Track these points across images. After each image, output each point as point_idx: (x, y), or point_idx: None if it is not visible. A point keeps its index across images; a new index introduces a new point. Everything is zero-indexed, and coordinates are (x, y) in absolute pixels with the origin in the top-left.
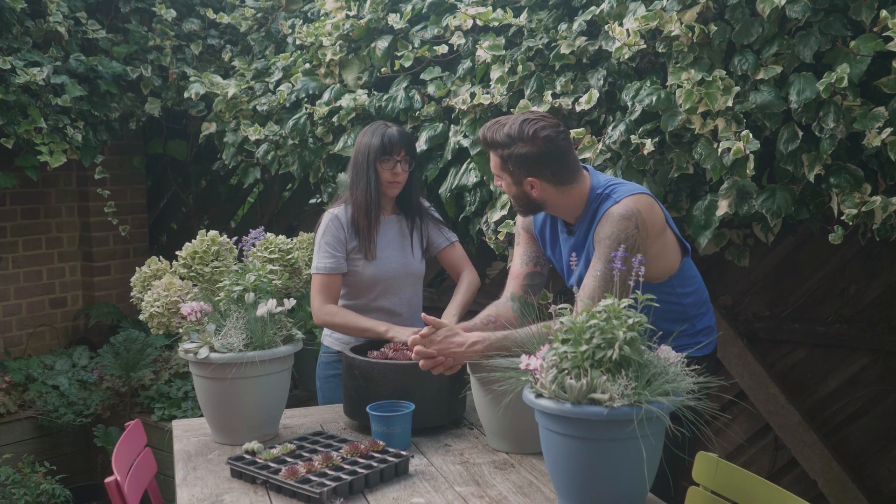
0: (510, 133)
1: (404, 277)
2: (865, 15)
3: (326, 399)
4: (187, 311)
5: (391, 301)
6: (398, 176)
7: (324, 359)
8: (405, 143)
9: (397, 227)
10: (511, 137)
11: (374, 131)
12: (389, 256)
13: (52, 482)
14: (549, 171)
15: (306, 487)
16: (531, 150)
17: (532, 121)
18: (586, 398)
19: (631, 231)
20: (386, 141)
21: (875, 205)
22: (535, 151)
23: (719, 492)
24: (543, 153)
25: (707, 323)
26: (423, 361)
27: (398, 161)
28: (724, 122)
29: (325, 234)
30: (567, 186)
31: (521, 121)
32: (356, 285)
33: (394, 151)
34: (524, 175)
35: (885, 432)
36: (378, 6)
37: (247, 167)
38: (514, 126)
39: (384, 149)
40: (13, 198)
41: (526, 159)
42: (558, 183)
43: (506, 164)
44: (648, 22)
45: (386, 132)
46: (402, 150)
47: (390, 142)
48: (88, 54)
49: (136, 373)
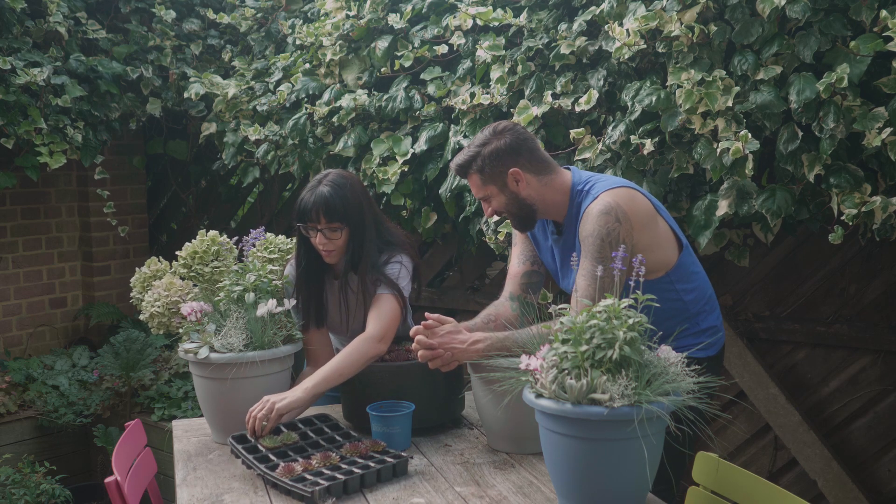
0: (474, 143)
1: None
2: (865, 15)
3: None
4: (187, 311)
5: None
6: (325, 245)
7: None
8: (325, 208)
9: (350, 289)
10: (477, 146)
11: (307, 187)
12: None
13: (52, 482)
14: (524, 159)
15: (299, 486)
16: (499, 143)
17: (489, 126)
18: (586, 398)
19: (612, 225)
20: (302, 207)
21: (875, 205)
22: (504, 143)
23: (719, 492)
24: (511, 143)
25: (712, 322)
26: (423, 352)
27: (319, 230)
28: (724, 122)
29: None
30: (547, 177)
31: (481, 132)
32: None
33: (311, 219)
34: (504, 170)
35: (885, 432)
36: (378, 6)
37: (247, 167)
38: (476, 139)
39: (300, 215)
40: (13, 198)
41: (499, 152)
42: (538, 172)
43: (483, 173)
44: (648, 22)
45: (305, 195)
46: (322, 217)
47: (304, 208)
48: (88, 54)
49: (136, 373)
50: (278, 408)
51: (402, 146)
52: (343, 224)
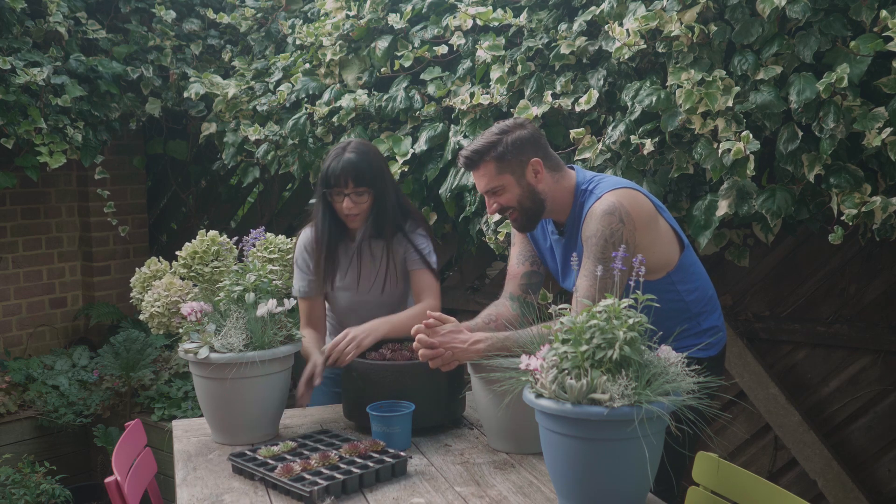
0: (494, 131)
1: (376, 308)
2: (865, 15)
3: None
4: (187, 311)
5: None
6: (350, 209)
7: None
8: (354, 173)
9: (369, 254)
10: (497, 134)
11: (332, 153)
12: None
13: (52, 482)
14: (543, 151)
15: (298, 486)
16: (522, 132)
17: (503, 121)
18: (586, 398)
19: (616, 226)
20: (329, 173)
21: (875, 205)
22: (527, 133)
23: (719, 492)
24: (534, 134)
25: (713, 322)
26: (423, 351)
27: (346, 195)
28: (724, 122)
29: (297, 258)
30: (559, 174)
31: (497, 123)
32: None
33: (339, 184)
34: (526, 160)
35: (885, 432)
36: (378, 6)
37: (247, 167)
38: (491, 129)
39: (327, 181)
40: (13, 198)
41: (522, 140)
42: (553, 168)
43: (503, 161)
44: (648, 22)
45: (331, 163)
46: (350, 182)
47: (333, 174)
48: (88, 54)
49: (136, 373)
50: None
51: (402, 146)
52: (369, 188)
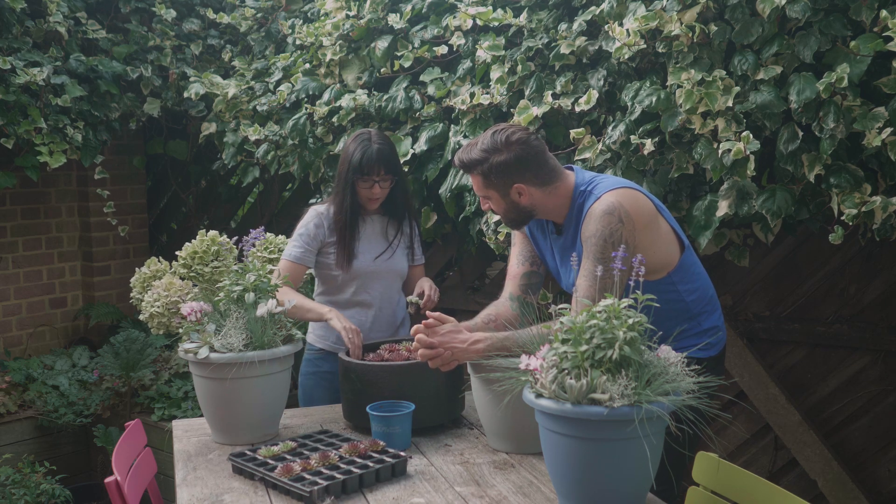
0: (484, 147)
1: (384, 273)
2: (865, 15)
3: (306, 396)
4: (187, 311)
5: (370, 296)
6: (376, 194)
7: (306, 356)
8: (385, 162)
9: (380, 226)
10: (486, 151)
11: (358, 143)
12: (369, 252)
13: (52, 482)
14: (530, 173)
15: (298, 486)
16: (508, 156)
17: (501, 129)
18: (586, 398)
19: (615, 226)
20: (365, 162)
21: (875, 205)
22: (513, 157)
23: (719, 492)
24: (521, 157)
25: (713, 322)
26: (423, 351)
27: (376, 181)
28: (724, 122)
29: (302, 227)
30: (552, 186)
31: (492, 133)
32: (333, 280)
33: (372, 172)
34: (509, 183)
35: (885, 432)
36: (378, 6)
37: (247, 167)
38: (485, 140)
39: (362, 169)
40: (13, 198)
41: (506, 166)
42: (543, 184)
43: (488, 179)
44: (648, 22)
45: (366, 151)
46: (381, 170)
47: (368, 163)
48: (88, 54)
49: (136, 373)
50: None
51: (403, 146)
52: (394, 175)
